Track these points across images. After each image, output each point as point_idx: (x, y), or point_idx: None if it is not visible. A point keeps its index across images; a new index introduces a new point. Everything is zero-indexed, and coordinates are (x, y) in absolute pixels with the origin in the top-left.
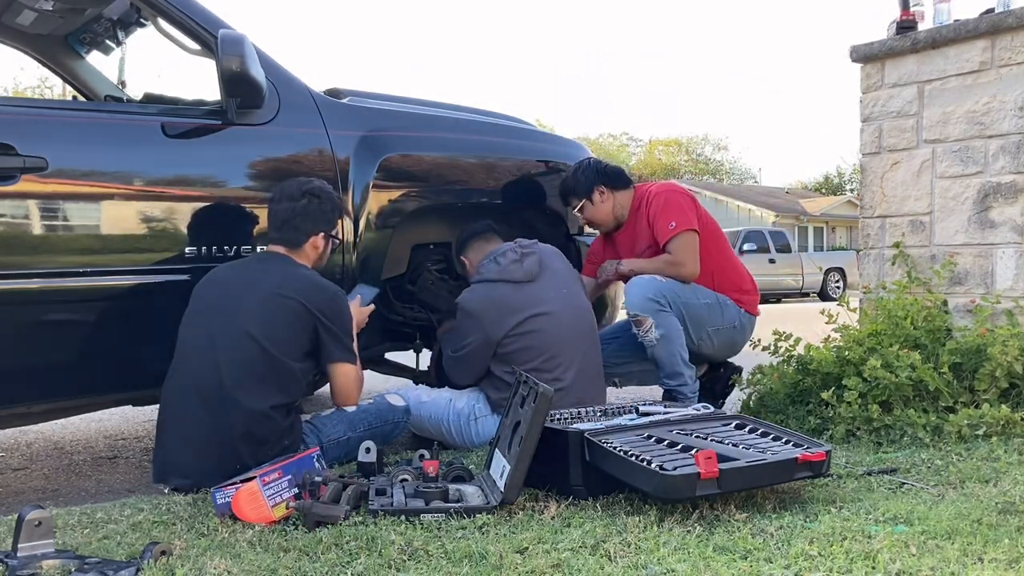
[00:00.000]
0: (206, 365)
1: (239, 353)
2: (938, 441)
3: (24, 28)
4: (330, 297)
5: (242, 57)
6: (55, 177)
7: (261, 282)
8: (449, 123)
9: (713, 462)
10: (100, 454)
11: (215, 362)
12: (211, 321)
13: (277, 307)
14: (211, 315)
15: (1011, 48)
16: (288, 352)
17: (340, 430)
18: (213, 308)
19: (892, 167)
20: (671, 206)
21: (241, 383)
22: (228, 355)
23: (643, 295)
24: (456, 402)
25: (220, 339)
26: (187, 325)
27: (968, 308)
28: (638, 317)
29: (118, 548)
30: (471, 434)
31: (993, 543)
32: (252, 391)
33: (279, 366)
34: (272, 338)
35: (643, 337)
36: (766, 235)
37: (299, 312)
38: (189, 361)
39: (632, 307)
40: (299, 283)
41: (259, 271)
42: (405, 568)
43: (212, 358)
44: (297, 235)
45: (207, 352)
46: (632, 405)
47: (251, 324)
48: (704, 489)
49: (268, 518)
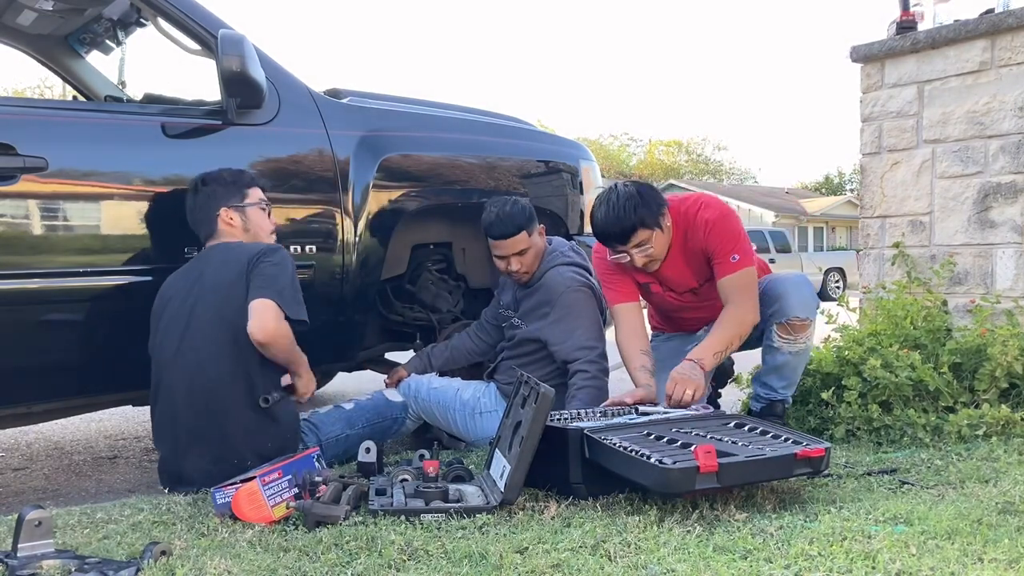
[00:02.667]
0: (185, 370)
1: (213, 346)
2: (938, 441)
3: (24, 28)
4: (261, 250)
5: (242, 57)
6: (55, 177)
7: (205, 274)
8: (449, 123)
9: (712, 456)
10: (100, 454)
11: (194, 363)
12: (175, 328)
13: (225, 285)
14: (174, 322)
15: (1011, 48)
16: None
17: (338, 428)
18: (174, 316)
19: (892, 167)
20: (733, 235)
21: (221, 373)
22: (202, 350)
23: (814, 296)
24: (463, 392)
25: (190, 340)
26: (155, 341)
27: (968, 308)
28: (807, 321)
29: (118, 548)
30: (475, 427)
31: (993, 543)
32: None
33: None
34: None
35: (793, 344)
36: (766, 235)
37: (240, 283)
38: (169, 372)
39: (804, 310)
40: (234, 252)
41: (202, 264)
42: (405, 568)
43: (189, 360)
44: (207, 224)
45: (185, 357)
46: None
47: (213, 312)
48: (703, 483)
49: (268, 518)
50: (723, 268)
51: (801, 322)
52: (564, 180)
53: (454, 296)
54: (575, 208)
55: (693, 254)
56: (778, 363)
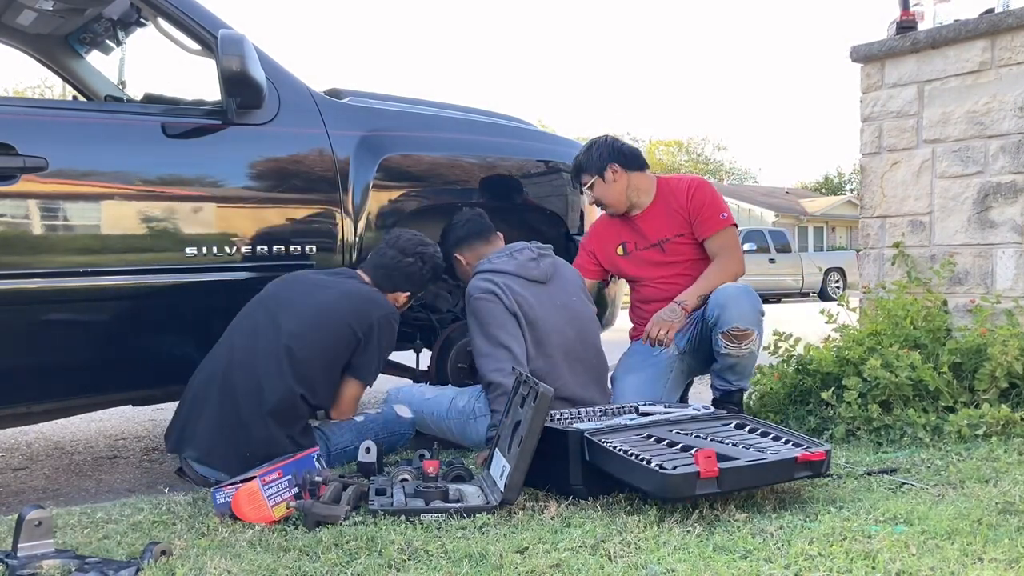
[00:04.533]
0: (248, 356)
1: (282, 357)
2: (938, 441)
3: (24, 28)
4: (380, 317)
5: (242, 57)
6: (55, 177)
7: (324, 294)
8: (449, 123)
9: (712, 461)
10: (100, 454)
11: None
12: (268, 319)
13: (329, 324)
14: (271, 313)
15: (1011, 48)
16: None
17: (348, 439)
18: (277, 306)
19: (892, 167)
20: (718, 201)
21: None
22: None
23: (754, 308)
24: (458, 400)
25: (274, 337)
26: (248, 311)
27: (968, 308)
28: (746, 331)
29: (118, 548)
30: (472, 433)
31: (993, 543)
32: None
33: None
34: (315, 351)
35: (738, 350)
36: (766, 235)
37: (346, 330)
38: (235, 347)
39: (744, 321)
40: (355, 301)
41: (330, 286)
42: (405, 568)
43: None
44: (388, 283)
45: (252, 344)
46: (632, 405)
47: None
48: (703, 488)
49: (268, 518)
50: (711, 224)
51: (742, 331)
52: (564, 180)
53: (454, 296)
54: (575, 208)
55: (673, 211)
56: (729, 364)
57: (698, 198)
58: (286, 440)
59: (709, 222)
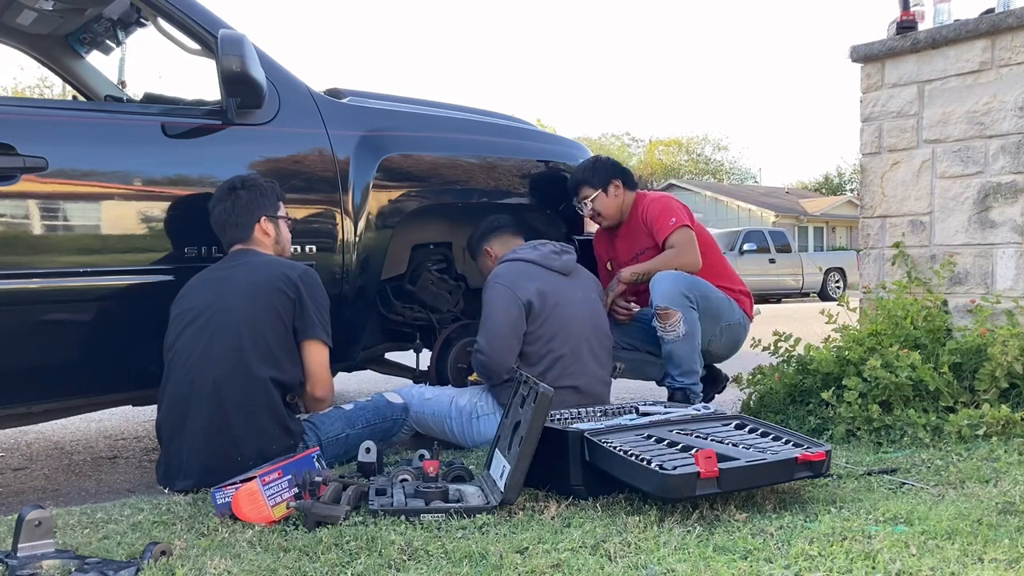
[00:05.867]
0: (201, 367)
1: (233, 352)
2: (938, 441)
3: (24, 28)
4: (301, 272)
5: (242, 57)
6: (55, 177)
7: (236, 279)
8: (449, 123)
9: (713, 461)
10: (100, 454)
11: (211, 359)
12: (199, 327)
13: (257, 298)
14: (198, 321)
15: (1011, 48)
16: (276, 339)
17: (338, 427)
18: (200, 314)
19: (892, 167)
20: (670, 208)
21: (235, 373)
22: (222, 353)
23: (675, 288)
24: (458, 400)
25: (219, 341)
26: (175, 334)
27: (968, 308)
28: (668, 310)
29: (118, 548)
30: (473, 432)
31: (993, 543)
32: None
33: (270, 353)
34: (260, 330)
35: (666, 332)
36: (766, 235)
37: (277, 296)
38: (183, 367)
39: (662, 300)
40: (268, 269)
41: (231, 269)
42: (405, 568)
43: (208, 357)
44: (241, 230)
45: (202, 354)
46: (632, 405)
47: (239, 321)
48: (704, 488)
49: (268, 518)
50: (663, 229)
51: (663, 311)
52: (564, 180)
53: (454, 296)
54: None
55: (639, 228)
56: (667, 352)
57: (651, 210)
58: (273, 428)
59: (662, 229)
